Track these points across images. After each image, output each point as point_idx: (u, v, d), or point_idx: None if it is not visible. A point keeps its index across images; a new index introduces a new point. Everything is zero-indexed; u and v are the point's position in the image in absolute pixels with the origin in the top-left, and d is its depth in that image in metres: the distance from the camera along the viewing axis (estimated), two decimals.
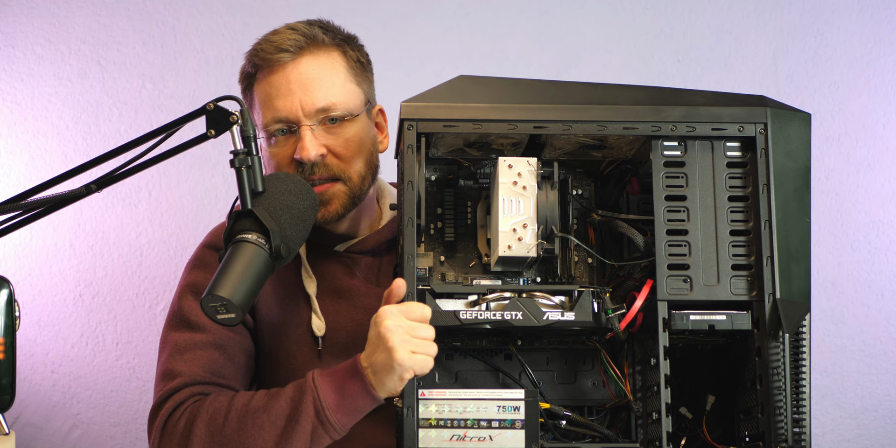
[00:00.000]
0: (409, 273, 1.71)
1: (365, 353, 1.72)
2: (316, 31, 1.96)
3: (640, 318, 1.77)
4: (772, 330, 1.70)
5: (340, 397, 1.74)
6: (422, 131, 1.76)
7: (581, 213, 1.90)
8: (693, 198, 1.76)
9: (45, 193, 1.71)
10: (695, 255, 1.74)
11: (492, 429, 1.71)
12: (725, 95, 1.81)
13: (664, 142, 1.77)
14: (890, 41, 2.72)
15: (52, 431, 2.58)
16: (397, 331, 1.66)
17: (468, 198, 1.91)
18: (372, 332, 1.70)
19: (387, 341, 1.66)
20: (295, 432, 1.75)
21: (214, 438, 1.78)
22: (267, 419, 1.77)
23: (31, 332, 2.58)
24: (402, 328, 1.66)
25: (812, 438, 2.59)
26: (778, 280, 1.71)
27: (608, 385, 1.85)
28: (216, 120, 1.69)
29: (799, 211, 1.76)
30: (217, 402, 1.81)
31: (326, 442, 1.77)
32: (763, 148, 1.75)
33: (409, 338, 1.66)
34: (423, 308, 1.69)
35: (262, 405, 1.78)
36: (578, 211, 1.90)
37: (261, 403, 1.78)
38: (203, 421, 1.79)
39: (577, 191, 1.91)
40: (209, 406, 1.81)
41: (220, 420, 1.79)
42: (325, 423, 1.75)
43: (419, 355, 1.66)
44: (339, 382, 1.75)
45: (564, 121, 1.75)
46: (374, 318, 1.70)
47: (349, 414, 1.75)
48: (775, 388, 1.68)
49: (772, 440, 1.66)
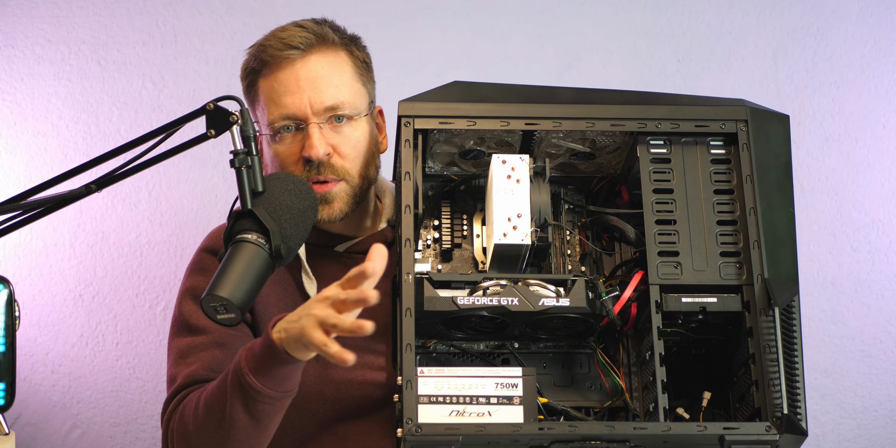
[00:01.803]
0: (407, 258, 1.75)
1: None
2: (326, 30, 1.97)
3: (633, 310, 1.80)
4: (762, 308, 1.73)
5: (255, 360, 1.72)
6: (419, 128, 1.82)
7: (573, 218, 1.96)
8: (680, 191, 1.82)
9: (45, 193, 1.71)
10: (684, 242, 1.79)
11: (490, 405, 1.72)
12: (707, 98, 1.90)
13: (651, 140, 1.84)
14: (890, 41, 2.72)
15: (52, 431, 2.58)
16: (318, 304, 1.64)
17: (464, 211, 1.95)
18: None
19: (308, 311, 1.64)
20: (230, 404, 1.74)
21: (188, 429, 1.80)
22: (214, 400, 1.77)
23: (31, 332, 2.58)
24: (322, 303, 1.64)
25: (812, 438, 2.60)
26: (766, 263, 1.76)
27: (605, 379, 1.86)
28: (216, 120, 1.70)
29: (783, 201, 1.83)
30: (192, 395, 1.83)
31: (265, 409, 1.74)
32: (745, 142, 1.82)
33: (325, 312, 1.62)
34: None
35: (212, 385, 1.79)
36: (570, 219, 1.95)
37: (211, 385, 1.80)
38: (183, 414, 1.82)
39: (569, 205, 1.96)
40: (187, 401, 1.83)
41: (189, 410, 1.80)
42: (244, 388, 1.72)
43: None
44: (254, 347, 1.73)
45: (555, 117, 1.82)
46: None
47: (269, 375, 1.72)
48: (769, 360, 1.70)
49: (768, 413, 1.67)
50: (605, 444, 1.67)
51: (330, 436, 1.94)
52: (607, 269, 1.93)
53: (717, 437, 1.67)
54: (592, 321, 1.79)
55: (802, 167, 2.66)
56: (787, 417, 1.67)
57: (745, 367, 1.75)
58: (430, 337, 1.85)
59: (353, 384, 1.89)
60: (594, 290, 1.78)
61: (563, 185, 1.97)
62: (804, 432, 1.68)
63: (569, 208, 1.97)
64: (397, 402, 1.72)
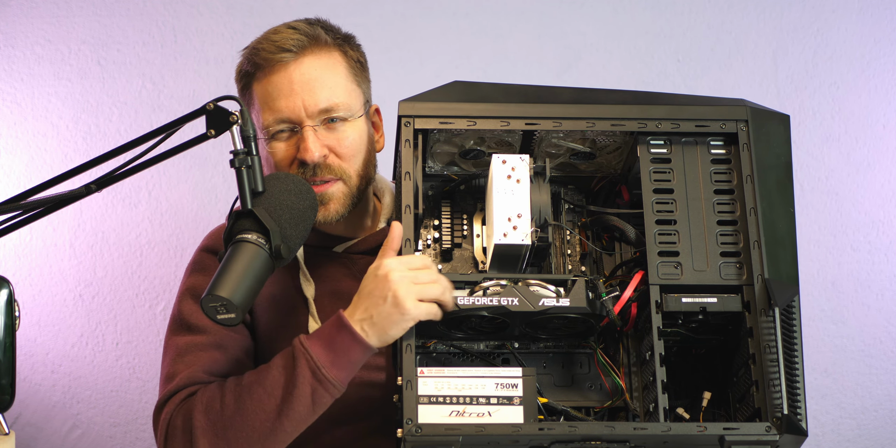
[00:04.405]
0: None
1: (361, 305, 1.73)
2: (318, 31, 1.96)
3: (633, 310, 1.80)
4: (762, 308, 1.73)
5: (333, 353, 1.74)
6: (419, 128, 1.82)
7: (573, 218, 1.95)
8: (680, 191, 1.82)
9: (45, 193, 1.71)
10: (684, 243, 1.79)
11: (490, 405, 1.72)
12: (707, 98, 1.89)
13: (651, 140, 1.84)
14: (890, 41, 2.73)
15: (52, 431, 2.58)
16: (402, 281, 1.70)
17: (464, 211, 1.95)
18: (372, 284, 1.72)
19: (395, 293, 1.69)
20: (294, 398, 1.74)
21: (217, 425, 1.77)
22: (263, 392, 1.76)
23: (31, 332, 2.58)
24: (406, 278, 1.70)
25: (812, 438, 2.60)
26: (766, 263, 1.76)
27: (605, 379, 1.86)
28: (216, 120, 1.70)
29: (783, 201, 1.83)
30: (209, 391, 1.81)
31: (327, 401, 1.76)
32: (745, 142, 1.82)
33: (413, 286, 1.70)
34: (423, 258, 1.74)
35: (254, 380, 1.78)
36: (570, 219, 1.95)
37: (253, 379, 1.78)
38: (200, 411, 1.79)
39: (569, 205, 1.96)
40: (202, 397, 1.81)
41: (216, 406, 1.78)
42: (323, 382, 1.74)
43: (424, 304, 1.70)
44: (328, 339, 1.75)
45: (555, 117, 1.82)
46: (373, 270, 1.73)
47: (345, 368, 1.75)
48: (769, 360, 1.70)
49: (768, 413, 1.67)
50: (605, 445, 1.67)
51: (329, 437, 1.94)
52: (607, 269, 1.93)
53: (717, 437, 1.67)
54: (592, 321, 1.79)
55: (802, 167, 2.66)
56: (787, 417, 1.67)
57: (745, 368, 1.75)
58: (430, 337, 1.85)
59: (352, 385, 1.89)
60: (594, 290, 1.78)
61: (563, 185, 1.97)
62: (804, 432, 1.68)
63: (569, 208, 1.97)
64: (397, 403, 1.72)
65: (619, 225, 1.89)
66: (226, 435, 1.76)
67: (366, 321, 1.72)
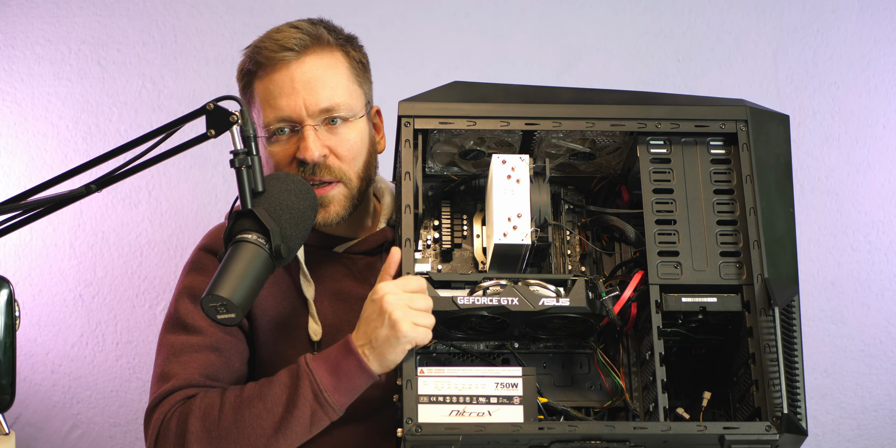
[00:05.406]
0: (407, 259, 1.76)
1: (361, 330, 1.74)
2: (321, 31, 1.96)
3: (633, 310, 1.80)
4: (762, 308, 1.73)
5: (336, 378, 1.75)
6: (419, 128, 1.83)
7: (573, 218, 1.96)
8: (680, 191, 1.82)
9: (45, 193, 1.71)
10: (684, 242, 1.79)
11: (490, 405, 1.72)
12: (707, 98, 1.90)
13: (650, 140, 1.84)
14: (890, 41, 2.73)
15: (52, 431, 2.58)
16: (398, 304, 1.70)
17: (464, 211, 1.95)
18: (371, 308, 1.73)
19: (390, 315, 1.70)
20: (293, 417, 1.75)
21: (211, 433, 1.78)
22: (263, 407, 1.77)
23: (31, 332, 2.58)
24: (402, 301, 1.71)
25: (812, 438, 2.60)
26: (766, 263, 1.76)
27: (605, 379, 1.86)
28: (216, 120, 1.70)
29: (782, 201, 1.83)
30: (208, 398, 1.81)
31: (325, 424, 1.78)
32: (745, 142, 1.83)
33: (410, 310, 1.70)
34: (418, 280, 1.74)
35: (255, 394, 1.78)
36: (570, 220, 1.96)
37: (254, 392, 1.79)
38: (197, 417, 1.79)
39: (569, 205, 1.96)
40: (200, 402, 1.81)
41: (214, 414, 1.78)
42: (324, 406, 1.76)
43: (420, 328, 1.71)
44: (334, 363, 1.76)
45: (555, 117, 1.83)
46: (371, 295, 1.74)
47: (346, 393, 1.76)
48: (769, 360, 1.70)
49: (768, 413, 1.67)
50: (605, 444, 1.67)
51: (329, 437, 1.93)
52: (607, 269, 1.93)
53: (717, 436, 1.67)
54: (592, 321, 1.79)
55: (802, 167, 2.66)
56: (787, 417, 1.67)
57: (745, 367, 1.75)
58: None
59: None
60: (594, 290, 1.78)
61: (563, 185, 1.98)
62: (804, 432, 1.68)
63: (569, 208, 1.97)
64: (397, 402, 1.72)
65: (618, 225, 1.89)
66: (219, 445, 1.77)
67: (366, 346, 1.74)
